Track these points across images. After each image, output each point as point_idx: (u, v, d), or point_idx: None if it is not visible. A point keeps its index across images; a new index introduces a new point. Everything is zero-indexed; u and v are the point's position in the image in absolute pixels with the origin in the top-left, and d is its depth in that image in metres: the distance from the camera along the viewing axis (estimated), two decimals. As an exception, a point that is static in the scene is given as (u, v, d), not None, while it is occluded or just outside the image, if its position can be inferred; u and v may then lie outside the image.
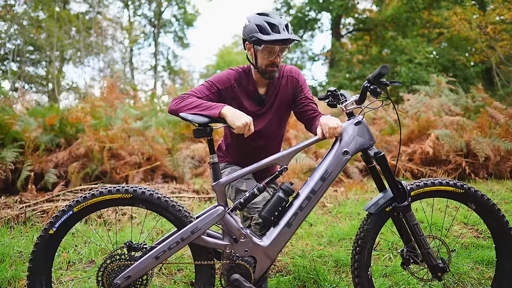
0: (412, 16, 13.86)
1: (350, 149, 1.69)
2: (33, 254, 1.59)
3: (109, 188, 1.65)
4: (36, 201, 3.53)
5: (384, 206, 1.70)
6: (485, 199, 1.73)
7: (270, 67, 1.80)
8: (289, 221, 1.65)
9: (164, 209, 1.68)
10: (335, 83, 13.08)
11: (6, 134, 4.69)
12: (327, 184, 1.68)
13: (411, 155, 5.47)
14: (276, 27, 1.73)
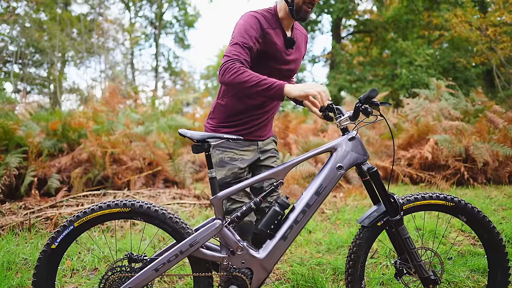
0: (412, 19, 13.89)
1: (344, 164, 1.72)
2: (37, 268, 1.64)
3: (108, 203, 1.70)
4: (40, 208, 3.59)
5: (377, 220, 1.74)
6: (475, 211, 1.77)
7: (307, 6, 1.72)
8: (285, 234, 1.69)
9: (161, 222, 1.72)
10: (336, 85, 13.12)
11: (10, 139, 4.75)
12: (321, 198, 1.72)
13: (410, 160, 5.52)
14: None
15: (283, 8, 1.79)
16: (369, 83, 13.00)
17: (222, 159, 1.85)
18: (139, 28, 27.23)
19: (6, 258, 2.64)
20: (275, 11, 1.82)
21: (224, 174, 1.83)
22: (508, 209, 3.76)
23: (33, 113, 6.09)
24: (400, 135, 6.12)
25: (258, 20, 1.73)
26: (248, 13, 1.80)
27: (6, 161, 4.41)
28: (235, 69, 1.59)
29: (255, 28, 1.71)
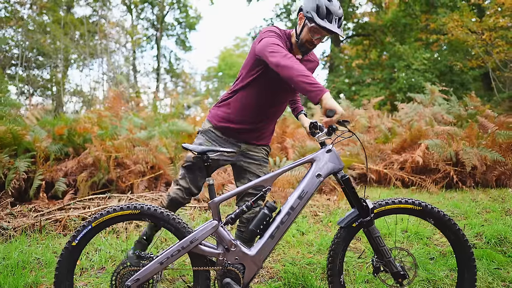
0: (409, 22, 14.10)
1: (323, 172, 1.97)
2: (59, 263, 1.89)
3: (120, 206, 1.96)
4: (49, 210, 3.82)
5: (352, 221, 1.98)
6: (441, 215, 1.99)
7: (309, 44, 2.03)
8: (272, 233, 1.94)
9: (166, 222, 1.98)
10: (334, 88, 13.33)
11: (19, 144, 4.97)
12: (304, 202, 1.97)
13: (402, 163, 5.72)
14: (331, 16, 1.93)
15: (294, 37, 2.09)
16: (367, 86, 13.22)
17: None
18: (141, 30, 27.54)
19: (21, 258, 2.86)
20: (290, 36, 2.12)
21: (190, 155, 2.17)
22: (492, 211, 3.96)
23: (39, 118, 6.32)
24: (394, 139, 6.32)
25: (279, 35, 2.03)
26: (272, 26, 2.08)
27: (16, 165, 4.62)
28: (292, 57, 1.78)
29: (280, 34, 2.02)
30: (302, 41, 2.03)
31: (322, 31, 1.98)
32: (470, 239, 3.31)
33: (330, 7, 1.94)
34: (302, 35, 2.02)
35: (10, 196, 4.45)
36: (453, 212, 3.98)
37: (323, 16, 1.93)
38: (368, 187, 5.53)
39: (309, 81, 1.71)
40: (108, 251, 3.05)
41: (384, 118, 7.24)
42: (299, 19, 2.04)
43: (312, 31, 1.98)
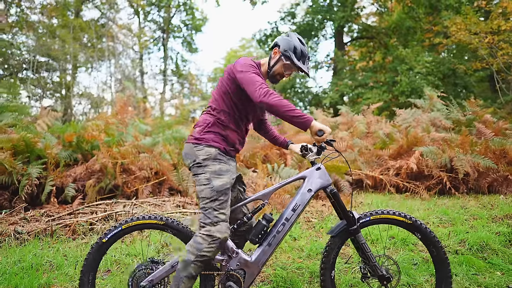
0: (413, 26, 14.18)
1: (313, 188, 2.23)
2: (88, 256, 2.17)
3: (148, 215, 2.26)
4: (59, 215, 4.09)
5: (340, 230, 2.22)
6: (428, 231, 2.20)
7: (279, 77, 2.27)
8: (270, 241, 2.21)
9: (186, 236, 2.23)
10: (337, 91, 13.48)
11: (31, 152, 5.27)
12: (296, 213, 2.23)
13: (398, 169, 5.89)
14: (305, 58, 2.19)
15: (265, 67, 2.30)
16: (370, 89, 13.34)
17: (221, 169, 2.11)
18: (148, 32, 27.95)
19: (34, 261, 3.13)
20: (260, 65, 2.30)
21: (225, 181, 2.09)
22: (479, 218, 4.13)
23: (50, 125, 6.63)
24: (391, 145, 6.49)
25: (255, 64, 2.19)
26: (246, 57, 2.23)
27: (28, 171, 4.92)
28: (276, 95, 1.97)
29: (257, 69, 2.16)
30: (274, 73, 2.25)
31: (294, 69, 2.22)
32: (453, 245, 3.50)
33: (304, 51, 2.20)
34: (276, 68, 2.23)
35: (23, 201, 4.75)
36: (441, 219, 4.15)
37: (299, 58, 2.18)
38: (364, 193, 5.71)
39: (296, 114, 1.94)
40: (113, 255, 3.30)
41: (382, 124, 7.40)
42: (274, 53, 2.24)
43: (286, 67, 2.22)
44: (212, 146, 2.13)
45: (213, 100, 2.25)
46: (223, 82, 2.20)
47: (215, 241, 2.02)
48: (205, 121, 2.20)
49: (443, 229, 3.85)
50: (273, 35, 16.38)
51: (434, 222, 4.07)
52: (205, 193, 2.07)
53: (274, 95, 1.95)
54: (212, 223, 2.04)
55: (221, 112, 2.18)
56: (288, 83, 15.13)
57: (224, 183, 2.08)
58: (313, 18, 14.89)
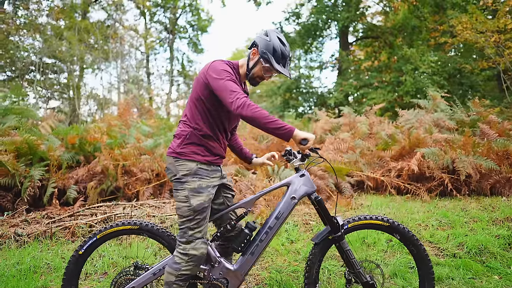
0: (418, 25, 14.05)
1: (297, 195, 2.20)
2: (67, 269, 2.20)
3: (122, 221, 2.26)
4: (60, 217, 4.14)
5: (325, 237, 2.20)
6: (406, 231, 2.20)
7: (259, 79, 2.14)
8: (252, 250, 2.18)
9: (160, 237, 2.26)
10: (342, 91, 13.42)
11: (34, 154, 5.34)
12: (280, 221, 2.20)
13: (400, 171, 5.85)
14: (285, 60, 2.07)
15: (244, 68, 2.17)
16: (375, 89, 13.25)
17: (201, 186, 2.02)
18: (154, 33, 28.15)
19: (32, 263, 3.17)
20: (238, 66, 2.17)
21: (203, 200, 2.02)
22: (479, 221, 4.08)
23: (54, 127, 6.71)
24: (393, 146, 6.45)
25: (231, 68, 2.07)
26: (221, 60, 2.08)
27: (31, 173, 4.99)
28: (254, 106, 1.86)
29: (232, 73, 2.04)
30: (254, 75, 2.12)
31: (274, 71, 2.09)
32: (452, 249, 3.47)
33: (285, 52, 2.06)
34: (255, 70, 2.10)
35: (26, 203, 4.82)
36: (440, 221, 4.12)
37: (279, 60, 2.05)
38: (365, 194, 5.68)
39: (277, 125, 1.84)
40: (111, 257, 3.34)
41: (385, 125, 7.35)
42: (252, 54, 2.10)
43: (265, 70, 2.09)
44: (193, 160, 2.03)
45: (188, 108, 2.12)
46: (196, 88, 2.08)
47: (192, 259, 2.01)
48: (183, 132, 2.08)
49: (442, 232, 3.81)
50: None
51: (433, 224, 4.03)
52: (182, 211, 2.02)
53: (252, 106, 1.85)
54: (188, 242, 2.02)
55: (197, 121, 2.06)
56: (293, 83, 15.09)
57: (202, 202, 2.01)
58: (317, 18, 14.83)
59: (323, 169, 5.63)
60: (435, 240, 3.67)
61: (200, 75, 2.08)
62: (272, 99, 16.04)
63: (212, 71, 1.99)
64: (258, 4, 15.41)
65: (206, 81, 2.00)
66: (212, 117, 2.08)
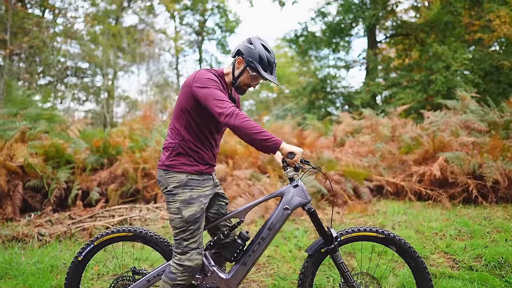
0: (451, 20, 13.40)
1: (290, 206, 2.17)
2: (67, 274, 2.31)
3: (117, 229, 2.34)
4: (80, 219, 4.36)
5: (318, 249, 2.17)
6: (403, 243, 2.13)
7: (246, 87, 2.12)
8: (244, 260, 2.19)
9: (155, 244, 2.31)
10: (368, 92, 13.07)
11: (61, 157, 5.65)
12: (273, 233, 2.19)
13: (421, 176, 5.63)
14: (272, 67, 2.06)
15: (229, 76, 2.15)
16: (403, 89, 12.80)
17: (192, 197, 2.04)
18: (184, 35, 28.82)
19: (51, 262, 3.37)
20: (223, 74, 2.14)
21: (195, 210, 2.04)
22: (503, 231, 3.86)
23: (81, 131, 7.06)
24: (416, 150, 6.21)
25: (216, 76, 2.05)
26: (206, 70, 2.06)
27: (57, 176, 5.28)
28: (243, 115, 1.85)
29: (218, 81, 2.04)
30: (240, 84, 2.10)
31: (261, 78, 2.08)
32: (468, 261, 3.30)
33: (270, 58, 2.06)
34: (241, 79, 2.09)
35: (52, 204, 5.11)
36: (460, 231, 3.93)
37: (265, 67, 2.05)
38: (384, 200, 5.52)
39: (264, 136, 1.82)
40: (123, 259, 3.47)
41: (408, 127, 7.09)
42: (238, 63, 2.09)
43: (252, 78, 2.07)
44: (183, 172, 2.04)
45: (174, 119, 2.11)
46: (181, 99, 2.05)
47: (187, 269, 2.05)
48: (170, 144, 2.09)
49: (460, 242, 3.64)
50: (303, 35, 16.21)
51: (451, 234, 3.85)
52: (175, 223, 2.04)
53: (240, 116, 1.83)
54: (183, 253, 2.05)
55: (183, 132, 2.06)
56: (318, 84, 14.87)
57: (194, 212, 2.03)
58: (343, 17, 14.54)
59: (340, 173, 5.54)
60: (451, 250, 3.50)
61: (185, 85, 2.05)
62: (298, 99, 15.89)
63: (197, 81, 1.98)
64: (282, 4, 15.34)
65: (192, 91, 1.98)
66: (199, 127, 2.06)
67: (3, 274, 3.22)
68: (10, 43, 11.95)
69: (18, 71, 12.03)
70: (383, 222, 4.24)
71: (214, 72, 2.09)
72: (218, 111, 1.87)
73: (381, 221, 4.26)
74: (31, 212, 4.93)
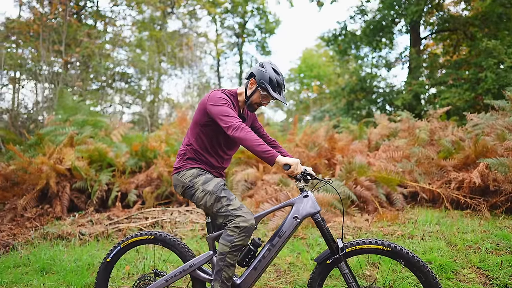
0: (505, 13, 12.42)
1: (299, 215, 2.25)
2: (98, 274, 2.53)
3: (141, 232, 2.52)
4: (117, 220, 4.67)
5: (325, 259, 2.20)
6: (411, 256, 2.07)
7: (257, 105, 2.37)
8: (255, 266, 2.29)
9: (173, 247, 2.48)
10: (410, 91, 12.51)
11: (103, 160, 6.07)
12: (282, 240, 2.27)
13: (460, 183, 5.33)
14: (280, 87, 2.30)
15: (242, 95, 2.40)
16: (449, 88, 12.09)
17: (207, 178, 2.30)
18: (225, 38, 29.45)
19: (88, 261, 3.66)
20: (236, 94, 2.41)
21: (216, 183, 2.27)
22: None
23: (123, 135, 7.51)
24: (456, 154, 5.89)
25: (229, 97, 2.30)
26: (219, 91, 2.30)
27: (100, 178, 5.69)
28: (247, 129, 2.08)
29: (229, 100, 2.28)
30: (252, 102, 2.35)
31: (270, 98, 2.31)
32: (503, 278, 3.10)
33: (279, 80, 2.29)
34: (253, 98, 2.33)
35: (94, 205, 5.51)
36: (498, 244, 3.68)
37: (275, 88, 2.29)
38: (418, 208, 5.30)
39: (263, 149, 2.03)
40: (152, 261, 3.68)
41: (449, 130, 6.71)
42: (250, 84, 2.34)
43: (263, 97, 2.32)
44: (192, 168, 2.31)
45: (188, 130, 2.42)
46: (196, 114, 2.34)
47: (243, 230, 2.16)
48: (181, 151, 2.40)
49: (496, 257, 3.41)
50: (342, 34, 15.86)
51: (487, 247, 3.62)
52: (209, 201, 2.23)
53: (246, 130, 2.06)
54: (234, 216, 2.18)
55: (193, 141, 2.34)
56: (358, 84, 14.46)
57: (215, 184, 2.25)
58: (384, 15, 14.02)
59: (372, 179, 5.40)
60: (485, 266, 3.31)
61: (201, 103, 2.31)
62: (336, 100, 15.58)
63: (211, 100, 2.23)
64: (320, 5, 15.13)
65: (206, 109, 2.23)
66: (208, 139, 2.32)
67: (48, 269, 3.56)
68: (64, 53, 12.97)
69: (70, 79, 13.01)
70: (412, 232, 4.08)
71: (228, 92, 2.34)
72: (226, 125, 2.11)
73: (410, 231, 4.10)
74: (76, 212, 5.36)
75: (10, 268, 3.61)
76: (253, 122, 2.63)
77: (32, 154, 6.20)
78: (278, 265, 3.50)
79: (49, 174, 5.47)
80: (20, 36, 14.39)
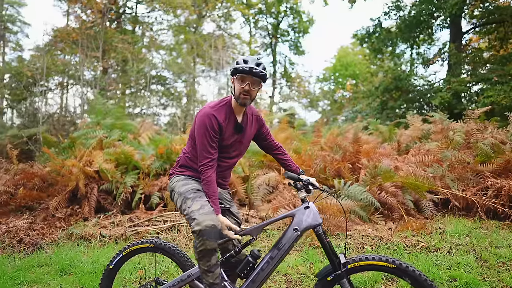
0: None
1: (300, 227, 2.14)
2: (101, 280, 2.56)
3: (142, 241, 2.52)
4: (138, 222, 4.77)
5: (327, 275, 2.07)
6: (417, 274, 1.89)
7: (243, 94, 2.20)
8: (253, 278, 2.21)
9: (172, 255, 2.46)
10: (449, 89, 11.77)
11: (129, 163, 6.24)
12: (281, 252, 2.18)
13: (499, 190, 4.90)
14: (248, 63, 2.20)
15: (233, 98, 2.31)
16: (494, 85, 11.23)
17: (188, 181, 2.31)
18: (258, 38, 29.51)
19: (105, 263, 3.75)
20: (230, 101, 2.33)
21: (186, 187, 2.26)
22: None
23: (151, 137, 7.70)
24: (496, 159, 5.43)
25: (216, 118, 2.22)
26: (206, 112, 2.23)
27: (125, 180, 5.85)
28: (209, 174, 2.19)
29: (215, 125, 2.22)
30: (237, 95, 2.23)
31: (245, 76, 2.18)
32: (537, 300, 2.78)
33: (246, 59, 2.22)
34: (236, 90, 2.25)
35: (120, 206, 5.68)
36: (535, 261, 3.32)
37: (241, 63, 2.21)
38: (449, 216, 4.94)
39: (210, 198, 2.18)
40: (165, 266, 3.71)
41: (488, 132, 6.20)
42: (232, 83, 2.32)
43: (240, 82, 2.20)
44: (181, 175, 2.36)
45: (188, 140, 2.46)
46: (193, 126, 2.36)
47: (199, 234, 2.08)
48: (177, 158, 2.48)
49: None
50: (376, 31, 15.27)
51: None
52: (178, 203, 2.25)
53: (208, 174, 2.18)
54: (191, 219, 2.13)
55: (188, 150, 2.40)
56: (392, 82, 13.81)
57: (187, 186, 2.26)
58: (421, 9, 13.30)
59: (398, 184, 5.11)
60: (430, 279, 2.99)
61: (196, 117, 2.29)
62: (369, 100, 15.00)
63: (197, 122, 2.26)
64: (352, 2, 14.66)
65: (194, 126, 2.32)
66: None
67: (67, 270, 3.69)
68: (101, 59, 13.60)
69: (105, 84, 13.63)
70: (438, 244, 3.79)
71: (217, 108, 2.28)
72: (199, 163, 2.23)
73: (436, 242, 3.81)
74: (103, 213, 5.55)
75: (34, 267, 3.79)
76: (260, 129, 2.52)
77: (65, 157, 6.51)
78: (289, 275, 3.39)
79: (79, 176, 5.72)
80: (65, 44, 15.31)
